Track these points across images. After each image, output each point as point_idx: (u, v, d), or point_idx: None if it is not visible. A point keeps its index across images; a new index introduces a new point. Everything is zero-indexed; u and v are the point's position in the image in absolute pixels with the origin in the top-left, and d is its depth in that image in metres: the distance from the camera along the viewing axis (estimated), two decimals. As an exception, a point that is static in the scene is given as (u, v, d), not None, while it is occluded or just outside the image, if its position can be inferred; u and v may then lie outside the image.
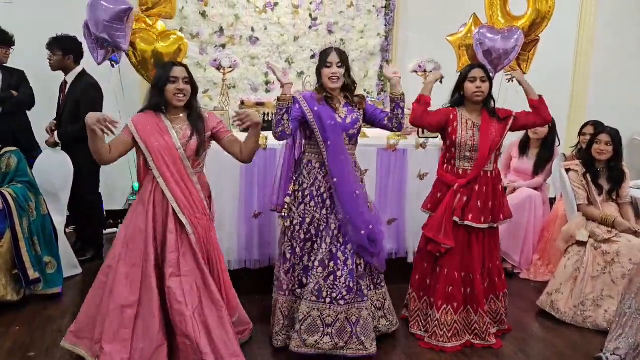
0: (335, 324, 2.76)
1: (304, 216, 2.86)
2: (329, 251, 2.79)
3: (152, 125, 2.59)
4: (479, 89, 2.94)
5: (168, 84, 2.58)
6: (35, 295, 3.47)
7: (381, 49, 5.17)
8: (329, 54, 2.82)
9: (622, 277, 3.23)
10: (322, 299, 2.77)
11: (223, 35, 4.77)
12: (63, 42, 3.93)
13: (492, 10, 4.01)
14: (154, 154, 2.56)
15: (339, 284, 2.77)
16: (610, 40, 5.78)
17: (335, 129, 2.80)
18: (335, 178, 2.78)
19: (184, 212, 2.58)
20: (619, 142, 3.50)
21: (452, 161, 3.04)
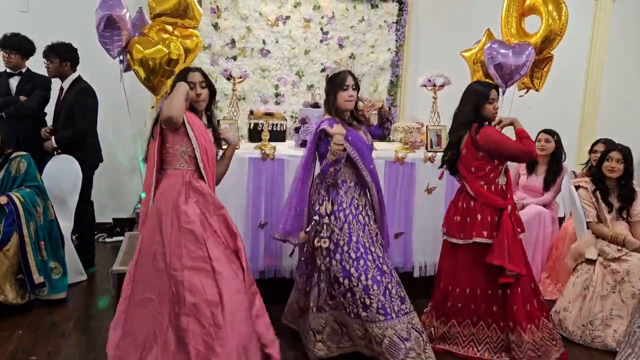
0: (411, 335, 2.73)
1: (350, 235, 2.81)
2: (377, 267, 2.79)
3: (198, 121, 2.62)
4: (497, 110, 3.01)
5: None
6: (40, 300, 3.47)
7: (391, 63, 5.19)
8: (346, 78, 2.85)
9: (632, 297, 3.18)
10: (389, 315, 2.71)
11: (234, 47, 4.81)
12: (59, 49, 3.98)
13: (507, 27, 4.02)
14: (202, 147, 2.57)
15: (394, 296, 2.77)
16: (622, 59, 5.77)
17: (366, 151, 2.89)
18: (378, 192, 2.94)
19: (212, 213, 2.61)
20: (630, 160, 3.47)
21: (495, 179, 2.98)
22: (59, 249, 3.59)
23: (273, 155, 3.45)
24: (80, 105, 3.95)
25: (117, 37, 3.44)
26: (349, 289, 2.75)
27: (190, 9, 3.63)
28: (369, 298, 2.70)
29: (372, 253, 2.81)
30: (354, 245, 2.79)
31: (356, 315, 2.75)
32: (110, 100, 4.25)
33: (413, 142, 3.85)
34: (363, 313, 2.71)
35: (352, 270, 2.75)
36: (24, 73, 4.21)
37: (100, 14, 3.42)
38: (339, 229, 2.82)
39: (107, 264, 4.04)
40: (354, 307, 2.74)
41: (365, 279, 2.73)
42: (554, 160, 4.23)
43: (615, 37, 5.72)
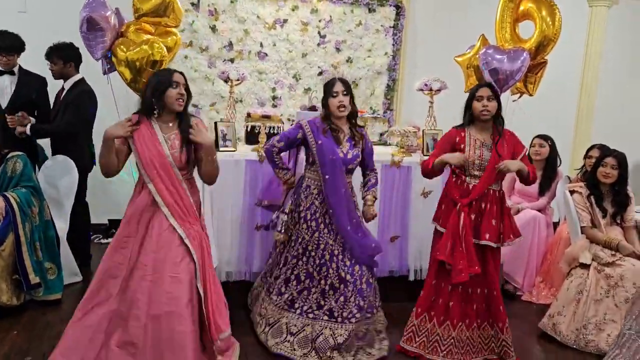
0: (346, 341, 2.92)
1: (298, 235, 3.03)
2: (338, 275, 2.94)
3: (145, 132, 2.60)
4: (485, 108, 2.94)
5: (170, 88, 2.58)
6: (35, 300, 3.46)
7: (388, 67, 5.22)
8: (334, 84, 2.94)
9: (626, 302, 3.20)
10: (334, 318, 2.93)
11: (232, 49, 4.83)
12: (62, 50, 3.97)
13: (502, 33, 4.05)
14: (145, 161, 2.58)
15: (350, 304, 2.92)
16: (616, 64, 5.82)
17: (335, 164, 2.94)
18: (331, 209, 2.96)
19: (175, 217, 2.60)
20: (625, 166, 3.49)
21: (461, 177, 3.03)
22: (54, 249, 3.59)
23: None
24: (74, 105, 3.91)
25: (101, 39, 3.42)
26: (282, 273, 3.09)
27: (171, 9, 3.58)
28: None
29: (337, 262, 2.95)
30: (297, 245, 3.02)
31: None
32: (105, 102, 4.23)
33: (409, 146, 3.87)
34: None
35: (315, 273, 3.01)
36: (18, 73, 4.14)
37: (82, 15, 3.41)
38: (294, 226, 3.05)
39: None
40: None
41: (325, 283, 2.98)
42: (548, 165, 4.26)
43: (610, 43, 5.76)
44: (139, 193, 2.67)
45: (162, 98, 2.59)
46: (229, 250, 3.45)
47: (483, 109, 2.95)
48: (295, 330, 2.99)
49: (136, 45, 3.47)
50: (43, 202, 3.57)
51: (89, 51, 3.52)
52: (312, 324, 2.98)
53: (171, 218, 2.59)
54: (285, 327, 3.01)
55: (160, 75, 2.64)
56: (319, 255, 2.98)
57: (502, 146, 2.98)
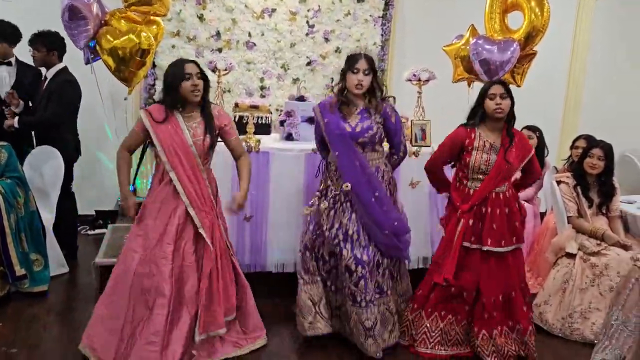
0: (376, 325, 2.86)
1: (333, 222, 2.92)
2: (353, 256, 2.84)
3: (169, 125, 2.64)
4: (499, 106, 2.81)
5: (184, 81, 2.61)
6: (21, 292, 3.43)
7: (377, 58, 5.18)
8: (358, 60, 2.82)
9: (610, 290, 3.24)
10: (357, 303, 2.84)
11: (220, 39, 4.78)
12: (46, 38, 3.91)
13: (491, 23, 4.04)
14: (167, 149, 2.61)
15: (370, 287, 2.85)
16: (604, 55, 5.84)
17: (343, 138, 2.84)
18: (350, 184, 2.84)
19: (193, 207, 2.65)
20: (611, 157, 3.52)
21: (463, 181, 2.95)
22: (40, 240, 3.56)
23: (258, 148, 3.44)
24: (57, 95, 3.86)
25: (83, 28, 3.38)
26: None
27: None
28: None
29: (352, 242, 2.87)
30: (334, 231, 2.90)
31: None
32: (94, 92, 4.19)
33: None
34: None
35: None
36: (16, 64, 4.10)
37: (64, 3, 3.36)
38: (334, 212, 2.93)
39: (89, 256, 4.00)
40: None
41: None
42: (536, 155, 4.27)
43: (598, 35, 5.78)
44: (158, 184, 2.70)
45: (179, 92, 2.62)
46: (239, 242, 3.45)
47: (497, 107, 2.81)
48: (335, 305, 3.02)
49: (122, 34, 3.43)
50: (28, 192, 3.54)
51: (72, 40, 3.48)
52: (345, 302, 2.92)
53: (190, 207, 2.64)
54: (327, 301, 3.03)
55: (173, 69, 2.65)
56: (332, 236, 2.89)
57: (511, 152, 2.87)
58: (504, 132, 2.89)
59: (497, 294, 2.92)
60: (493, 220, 2.87)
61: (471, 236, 2.90)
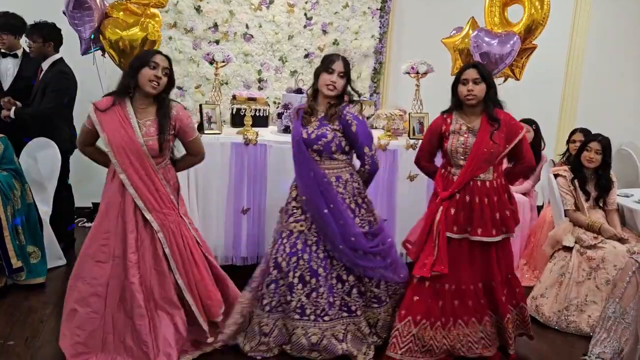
0: (322, 340, 2.71)
1: (291, 229, 2.81)
2: (309, 267, 2.72)
3: (114, 115, 2.45)
4: (470, 92, 2.66)
5: (146, 67, 2.45)
6: (17, 285, 3.42)
7: (375, 50, 5.18)
8: (334, 61, 2.72)
9: (607, 283, 3.25)
10: (306, 316, 2.72)
11: (217, 31, 4.76)
12: (43, 29, 3.88)
13: (491, 16, 4.03)
14: (116, 148, 2.44)
15: (321, 300, 2.71)
16: (601, 51, 5.84)
17: (299, 144, 2.73)
18: (304, 195, 2.75)
19: (149, 209, 2.50)
20: (609, 151, 3.52)
21: (447, 167, 2.82)
22: (37, 233, 3.55)
23: (255, 141, 3.44)
24: (53, 87, 3.83)
25: (88, 18, 3.36)
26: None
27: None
28: (290, 295, 2.73)
29: (310, 252, 2.74)
30: (292, 240, 2.76)
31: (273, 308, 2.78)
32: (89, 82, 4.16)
33: (395, 129, 3.87)
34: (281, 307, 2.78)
35: (284, 264, 2.75)
36: (22, 57, 4.08)
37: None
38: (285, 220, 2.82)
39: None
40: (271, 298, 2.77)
41: (293, 276, 2.74)
42: (533, 149, 4.25)
43: (595, 27, 5.77)
44: (111, 181, 2.55)
45: (136, 77, 2.45)
46: (215, 234, 3.44)
47: (468, 93, 2.67)
48: (268, 330, 2.76)
49: (129, 26, 3.42)
50: (25, 185, 3.52)
51: (77, 30, 3.44)
52: (284, 318, 2.76)
53: (145, 211, 2.50)
54: (258, 328, 2.77)
55: (141, 54, 2.54)
56: (291, 244, 2.75)
57: (490, 134, 2.68)
58: (485, 117, 2.70)
59: (475, 282, 2.78)
60: (482, 209, 2.69)
61: (453, 226, 2.71)
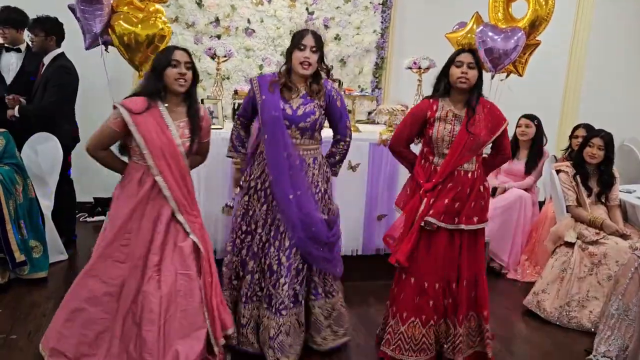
0: (278, 337, 2.61)
1: (247, 208, 2.67)
2: (276, 256, 2.61)
3: (150, 117, 2.37)
4: (464, 75, 2.55)
5: (169, 67, 2.38)
6: (20, 279, 3.43)
7: (377, 45, 5.17)
8: (304, 36, 2.54)
9: (608, 279, 3.25)
10: (271, 307, 2.61)
11: (219, 25, 4.75)
12: (45, 23, 3.87)
13: (494, 12, 4.02)
14: (154, 151, 2.36)
15: (282, 292, 2.59)
16: (604, 46, 5.82)
17: (276, 121, 2.54)
18: (271, 175, 2.58)
19: (181, 212, 2.43)
20: (611, 147, 3.52)
21: (429, 157, 2.68)
22: (39, 227, 3.55)
23: (257, 136, 3.42)
24: (54, 81, 3.82)
25: (99, 12, 3.35)
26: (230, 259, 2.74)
27: None
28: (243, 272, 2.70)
29: (255, 233, 2.65)
30: (247, 219, 2.67)
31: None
32: (91, 77, 4.16)
33: (397, 124, 3.85)
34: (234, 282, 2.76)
35: (238, 241, 2.70)
36: (25, 51, 4.06)
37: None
38: (241, 198, 2.69)
39: (88, 243, 4.00)
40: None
41: (246, 254, 2.69)
42: (535, 145, 4.29)
43: (598, 22, 5.75)
44: (138, 183, 2.42)
45: (162, 79, 2.39)
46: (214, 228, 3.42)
47: (462, 75, 2.55)
48: (245, 322, 2.68)
49: (140, 21, 3.42)
50: (27, 179, 3.52)
51: (87, 24, 3.42)
52: (258, 307, 2.67)
53: (178, 213, 2.42)
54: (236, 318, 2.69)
55: (160, 54, 2.45)
56: (266, 231, 2.63)
57: (475, 123, 2.59)
58: (467, 102, 2.63)
59: (462, 278, 2.69)
60: (468, 198, 2.62)
61: (440, 215, 2.59)
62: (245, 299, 2.68)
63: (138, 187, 2.42)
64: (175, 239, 2.43)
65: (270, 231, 2.64)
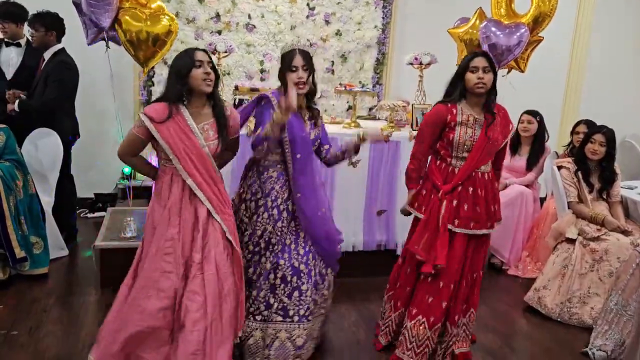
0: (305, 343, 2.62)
1: (255, 228, 2.62)
2: (291, 266, 2.60)
3: (173, 123, 2.33)
4: (480, 80, 2.57)
5: (194, 68, 2.32)
6: (21, 275, 3.43)
7: (378, 41, 5.16)
8: (293, 57, 2.54)
9: (609, 275, 3.25)
10: (290, 318, 2.60)
11: (219, 21, 4.74)
12: (45, 18, 3.87)
13: (498, 8, 4.00)
14: (180, 155, 2.34)
15: (307, 299, 2.60)
16: (605, 42, 5.80)
17: (306, 141, 2.60)
18: (298, 194, 2.60)
19: (216, 211, 2.40)
20: (613, 144, 3.50)
21: (447, 159, 2.70)
22: (39, 223, 3.55)
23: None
24: (54, 77, 3.81)
25: (108, 7, 3.33)
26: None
27: None
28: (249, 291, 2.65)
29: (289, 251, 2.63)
30: (255, 240, 2.63)
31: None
32: (92, 73, 4.16)
33: (398, 120, 3.85)
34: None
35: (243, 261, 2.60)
36: (26, 45, 4.06)
37: None
38: (248, 219, 2.64)
39: (88, 239, 4.01)
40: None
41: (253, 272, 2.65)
42: (537, 141, 4.27)
43: (600, 19, 5.73)
44: (169, 186, 2.40)
45: (188, 81, 2.35)
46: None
47: (478, 81, 2.57)
48: (243, 337, 2.61)
49: (148, 18, 3.42)
50: (27, 175, 3.52)
51: (96, 19, 3.40)
52: (263, 327, 2.61)
53: (214, 213, 2.39)
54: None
55: (182, 56, 2.40)
56: (279, 248, 2.63)
57: (494, 127, 2.64)
58: (485, 106, 2.65)
59: (467, 276, 2.74)
60: (478, 201, 2.66)
61: (455, 219, 2.65)
62: (246, 314, 2.62)
63: (169, 191, 2.40)
64: (215, 239, 2.40)
65: (273, 244, 2.62)
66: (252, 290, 2.63)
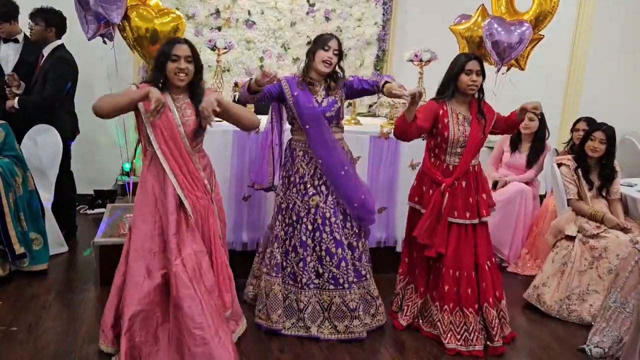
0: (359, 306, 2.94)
1: (289, 202, 2.97)
2: (333, 238, 2.90)
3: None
4: (474, 83, 2.81)
5: (169, 62, 2.44)
6: (20, 271, 3.44)
7: (378, 38, 5.15)
8: (330, 40, 2.85)
9: (609, 273, 3.25)
10: (340, 286, 2.91)
11: (219, 17, 4.73)
12: (47, 13, 3.86)
13: (498, 5, 3.99)
14: (154, 127, 2.45)
15: (351, 267, 2.93)
16: (606, 39, 5.79)
17: (315, 111, 2.87)
18: (320, 160, 2.89)
19: (183, 190, 2.48)
20: (613, 141, 3.50)
21: (441, 157, 2.91)
22: (39, 220, 3.55)
23: (258, 129, 3.41)
24: (53, 73, 3.81)
25: (120, 2, 3.32)
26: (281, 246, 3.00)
27: None
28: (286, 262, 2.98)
29: (330, 224, 2.91)
30: (289, 212, 2.97)
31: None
32: (91, 69, 4.15)
33: (398, 117, 3.84)
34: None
35: (283, 233, 2.99)
36: (23, 41, 4.05)
37: None
38: (284, 193, 2.99)
39: (88, 235, 4.01)
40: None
41: (289, 242, 2.97)
42: (537, 138, 4.27)
43: (600, 16, 5.72)
44: (147, 169, 2.53)
45: (164, 71, 2.47)
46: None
47: (472, 83, 2.81)
48: (303, 306, 2.92)
49: (157, 16, 3.44)
50: (27, 172, 3.52)
51: (107, 14, 3.39)
52: (318, 293, 2.94)
53: (179, 189, 2.47)
54: (296, 304, 2.94)
55: (162, 47, 2.50)
56: (311, 220, 2.92)
57: (481, 121, 2.89)
58: (475, 107, 2.89)
59: (469, 268, 2.91)
60: (469, 192, 2.89)
61: (454, 211, 2.88)
62: (301, 285, 2.93)
63: (147, 174, 2.52)
64: (186, 219, 2.50)
65: (316, 220, 2.91)
66: (299, 262, 2.93)
